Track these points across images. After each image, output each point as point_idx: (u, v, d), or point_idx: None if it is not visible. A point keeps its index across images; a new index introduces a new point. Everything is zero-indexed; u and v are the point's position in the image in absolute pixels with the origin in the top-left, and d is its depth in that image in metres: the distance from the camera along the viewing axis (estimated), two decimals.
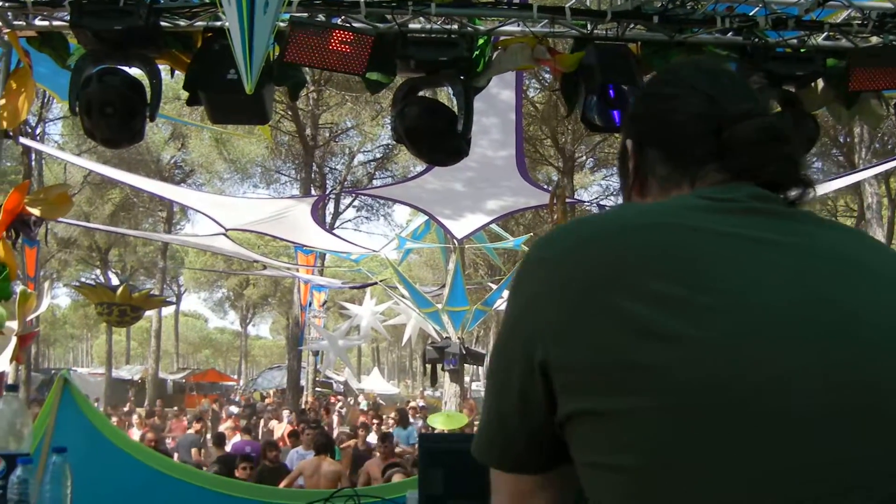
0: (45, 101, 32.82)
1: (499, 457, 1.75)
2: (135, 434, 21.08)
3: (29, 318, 6.26)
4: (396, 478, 11.28)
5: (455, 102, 6.65)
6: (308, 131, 37.04)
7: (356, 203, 45.39)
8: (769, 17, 6.57)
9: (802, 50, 6.76)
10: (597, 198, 41.08)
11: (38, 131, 35.48)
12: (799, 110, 6.79)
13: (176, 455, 17.90)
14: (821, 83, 6.97)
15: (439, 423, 18.08)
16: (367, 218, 48.74)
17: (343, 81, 30.85)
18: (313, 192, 37.57)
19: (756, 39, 6.66)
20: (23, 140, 13.02)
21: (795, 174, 1.74)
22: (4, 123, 6.50)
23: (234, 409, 30.62)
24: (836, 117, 7.35)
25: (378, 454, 14.66)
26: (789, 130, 1.78)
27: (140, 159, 42.47)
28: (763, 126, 1.74)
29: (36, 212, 6.61)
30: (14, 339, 5.99)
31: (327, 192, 40.37)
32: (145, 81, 6.38)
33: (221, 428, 22.18)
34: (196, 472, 7.81)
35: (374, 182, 43.17)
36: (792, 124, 1.75)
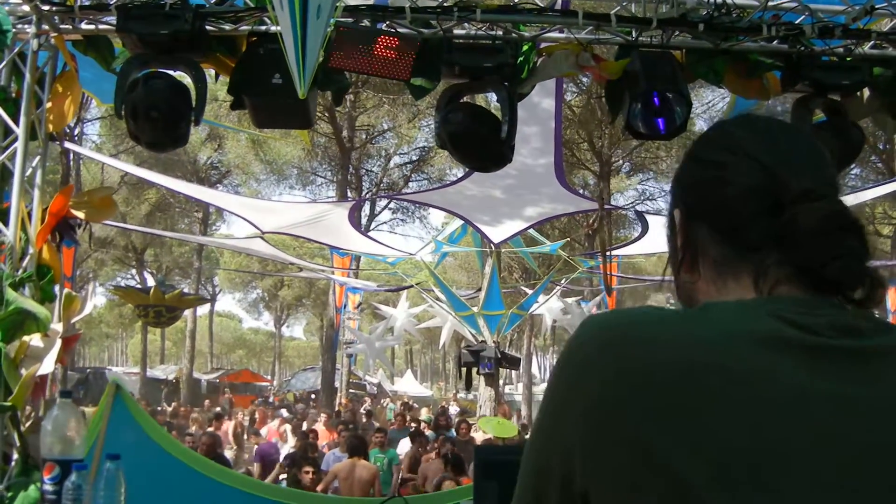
0: (84, 101, 33.01)
1: None
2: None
3: (73, 321, 6.27)
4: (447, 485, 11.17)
5: (498, 109, 6.65)
6: (345, 133, 37.12)
7: (392, 205, 45.42)
8: (815, 25, 6.52)
9: (849, 59, 6.71)
10: (633, 202, 41.04)
11: (76, 132, 35.70)
12: (844, 119, 6.74)
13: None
14: (867, 92, 6.91)
15: (491, 430, 18.02)
16: (402, 220, 48.68)
17: (380, 84, 30.91)
18: (349, 194, 37.64)
19: (802, 48, 6.61)
20: (66, 144, 13.10)
21: (863, 271, 1.53)
22: (51, 126, 6.53)
23: (284, 413, 30.60)
24: (881, 126, 7.29)
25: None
26: (856, 217, 1.55)
27: (177, 160, 42.69)
28: (829, 213, 1.53)
29: (80, 215, 6.63)
30: (59, 342, 6.00)
31: (363, 194, 40.44)
32: (190, 85, 6.40)
33: (264, 431, 22.28)
34: (247, 480, 7.83)
35: (411, 184, 43.27)
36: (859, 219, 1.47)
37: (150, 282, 45.70)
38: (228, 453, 19.82)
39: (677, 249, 1.74)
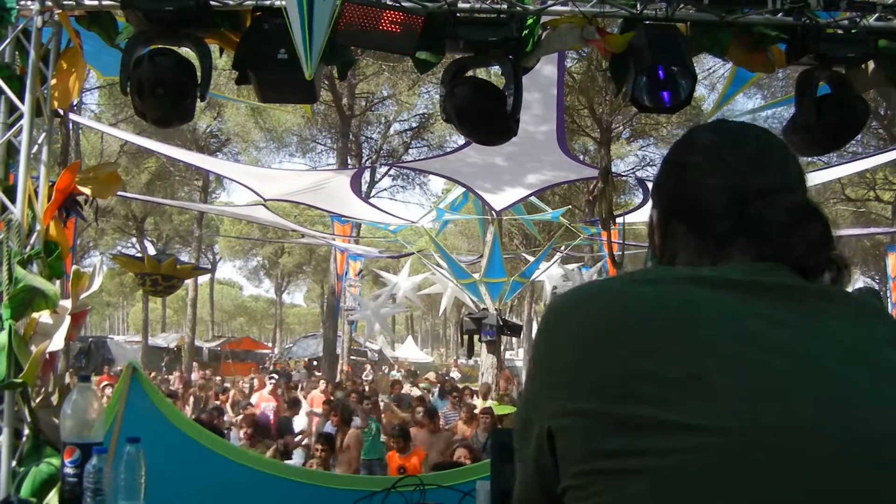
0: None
1: None
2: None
3: (82, 297, 6.29)
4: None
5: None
6: (345, 101, 37.08)
7: (392, 172, 45.34)
8: None
9: (854, 31, 6.70)
10: (633, 168, 41.00)
11: (75, 101, 35.56)
12: (848, 92, 6.74)
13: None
14: (871, 64, 6.91)
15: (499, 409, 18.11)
16: (402, 187, 48.52)
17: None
18: (350, 161, 37.61)
19: (807, 20, 6.61)
20: (70, 116, 13.07)
21: (826, 257, 1.66)
22: (56, 103, 6.53)
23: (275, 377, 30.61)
24: (886, 98, 7.30)
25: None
26: (819, 208, 1.70)
27: (176, 129, 42.49)
28: (791, 206, 1.68)
29: (86, 191, 6.65)
30: (68, 318, 6.03)
31: (364, 161, 40.39)
32: (195, 60, 6.40)
33: (253, 399, 22.28)
34: (263, 460, 7.86)
35: (411, 151, 43.22)
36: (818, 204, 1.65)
37: (151, 251, 45.73)
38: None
39: (656, 247, 1.90)
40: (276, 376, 28.47)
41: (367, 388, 27.11)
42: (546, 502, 1.66)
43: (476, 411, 16.60)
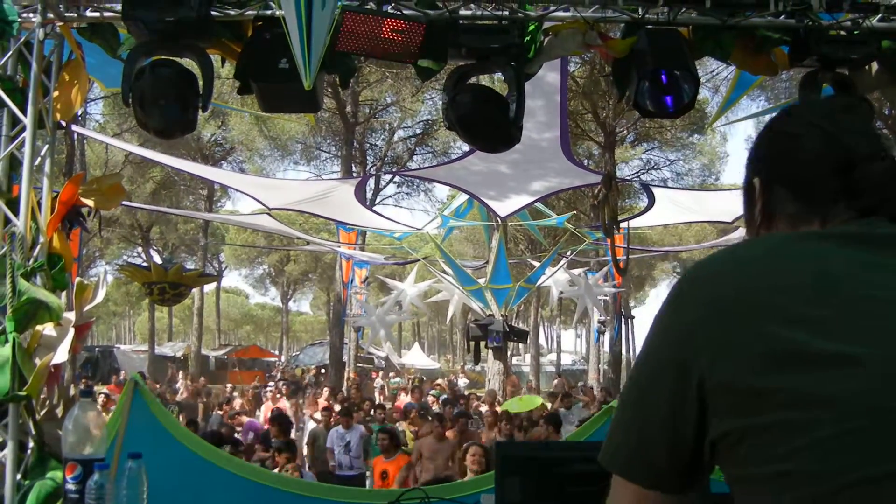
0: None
1: (638, 472, 1.80)
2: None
3: (86, 308, 6.29)
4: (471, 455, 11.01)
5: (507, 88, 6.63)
6: (348, 108, 37.01)
7: (397, 179, 45.35)
8: None
9: (856, 32, 6.68)
10: (638, 172, 40.94)
11: (79, 112, 35.52)
12: (852, 93, 6.72)
13: None
14: (875, 65, 6.89)
15: (515, 408, 18.05)
16: (407, 194, 48.59)
17: None
18: (354, 168, 37.58)
19: (809, 22, 6.59)
20: (73, 127, 13.10)
21: None
22: (58, 115, 6.52)
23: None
24: (890, 99, 7.28)
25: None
26: None
27: (181, 138, 42.35)
28: (889, 168, 1.83)
29: (90, 203, 6.63)
30: (72, 330, 6.02)
31: (368, 168, 40.39)
32: (197, 71, 6.40)
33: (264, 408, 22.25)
34: (266, 473, 7.83)
35: (415, 158, 43.19)
36: None
37: (157, 260, 45.74)
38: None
39: (755, 212, 2.03)
40: (271, 384, 28.45)
41: (379, 397, 27.16)
42: (668, 455, 1.75)
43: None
